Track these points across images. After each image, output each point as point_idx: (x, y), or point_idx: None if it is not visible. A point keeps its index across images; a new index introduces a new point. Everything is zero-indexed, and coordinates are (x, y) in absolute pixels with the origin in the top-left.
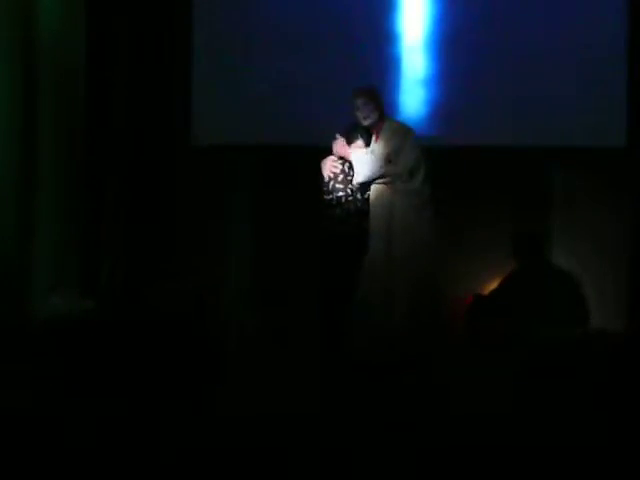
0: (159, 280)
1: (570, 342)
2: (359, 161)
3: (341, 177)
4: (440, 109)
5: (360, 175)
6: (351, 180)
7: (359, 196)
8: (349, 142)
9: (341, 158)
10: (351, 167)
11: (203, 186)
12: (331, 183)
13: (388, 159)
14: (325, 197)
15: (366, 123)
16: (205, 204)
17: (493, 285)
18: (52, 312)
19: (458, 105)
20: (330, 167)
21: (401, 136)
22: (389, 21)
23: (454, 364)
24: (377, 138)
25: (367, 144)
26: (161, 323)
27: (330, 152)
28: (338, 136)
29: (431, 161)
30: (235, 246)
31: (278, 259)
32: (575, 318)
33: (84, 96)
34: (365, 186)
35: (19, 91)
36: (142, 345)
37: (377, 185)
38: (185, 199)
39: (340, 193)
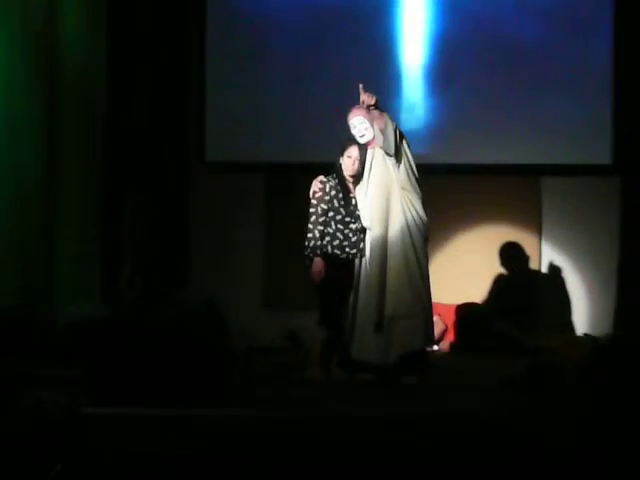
0: (174, 287)
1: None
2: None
3: (319, 194)
4: (434, 130)
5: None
6: (333, 197)
7: (343, 210)
8: (342, 151)
9: (327, 178)
10: (334, 186)
11: (216, 199)
12: (314, 198)
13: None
14: (310, 210)
15: (363, 141)
16: (218, 216)
17: (483, 292)
18: (74, 317)
19: (452, 126)
20: (315, 184)
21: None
22: (387, 50)
23: (445, 367)
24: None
25: (361, 159)
26: (175, 328)
27: (327, 169)
28: None
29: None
30: (246, 255)
31: (286, 266)
32: (562, 323)
33: (105, 115)
34: (349, 202)
35: (44, 110)
36: (157, 348)
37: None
38: (199, 211)
39: (323, 205)
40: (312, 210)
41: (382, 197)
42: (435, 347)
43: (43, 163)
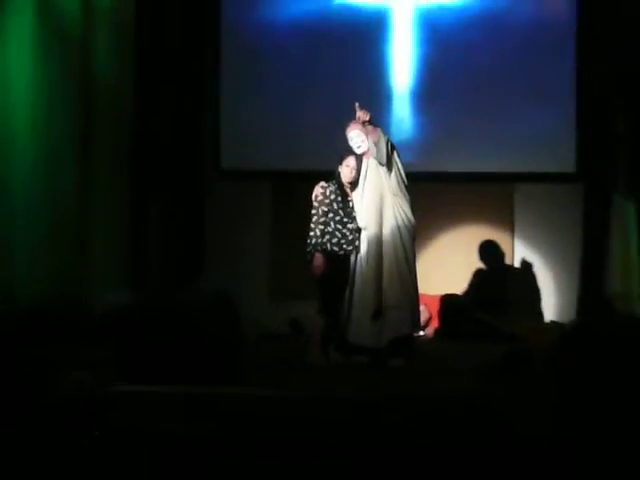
0: (192, 281)
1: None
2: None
3: (320, 197)
4: (421, 142)
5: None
6: (333, 200)
7: (341, 212)
8: (341, 161)
9: (327, 184)
10: (334, 190)
11: (229, 203)
12: (316, 201)
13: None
14: (312, 212)
15: (359, 152)
16: (230, 218)
17: (463, 285)
18: (107, 305)
19: (436, 139)
20: (317, 189)
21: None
22: (380, 73)
23: (430, 351)
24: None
25: (357, 168)
26: (193, 316)
27: (327, 176)
28: None
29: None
30: (254, 252)
31: (289, 262)
32: (533, 312)
33: (133, 130)
34: (347, 205)
35: (79, 125)
36: (178, 334)
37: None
38: (214, 214)
39: (324, 208)
40: (314, 212)
41: (376, 201)
42: (421, 333)
43: (77, 172)
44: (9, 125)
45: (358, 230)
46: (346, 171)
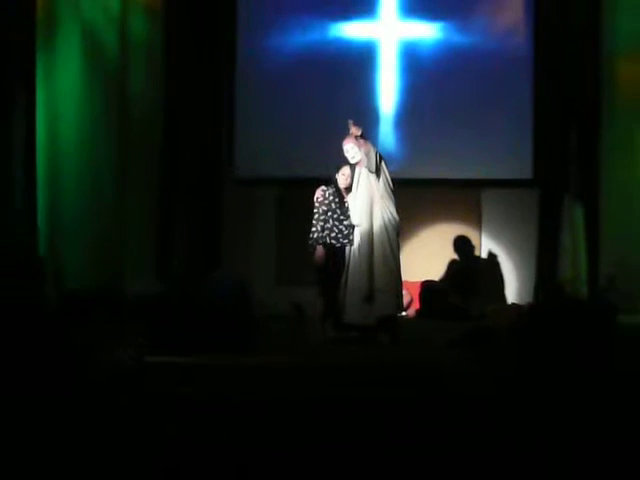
0: (210, 270)
1: (493, 312)
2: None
3: (321, 199)
4: (405, 153)
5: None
6: (331, 201)
7: (338, 211)
8: (338, 169)
9: (326, 187)
10: (332, 193)
11: (242, 204)
12: (317, 202)
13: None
14: (314, 211)
15: (353, 162)
16: (243, 217)
17: (439, 273)
18: (137, 292)
19: (418, 151)
20: (318, 192)
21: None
22: (369, 97)
23: (411, 329)
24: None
25: (351, 175)
26: (212, 299)
27: (326, 182)
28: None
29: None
30: (263, 246)
31: (293, 254)
32: (497, 296)
33: (162, 146)
34: (343, 205)
35: (117, 144)
36: (201, 313)
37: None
38: (229, 214)
39: (324, 207)
40: (315, 210)
41: (367, 202)
42: (404, 313)
43: (116, 181)
44: (59, 145)
45: (352, 226)
46: (342, 178)
